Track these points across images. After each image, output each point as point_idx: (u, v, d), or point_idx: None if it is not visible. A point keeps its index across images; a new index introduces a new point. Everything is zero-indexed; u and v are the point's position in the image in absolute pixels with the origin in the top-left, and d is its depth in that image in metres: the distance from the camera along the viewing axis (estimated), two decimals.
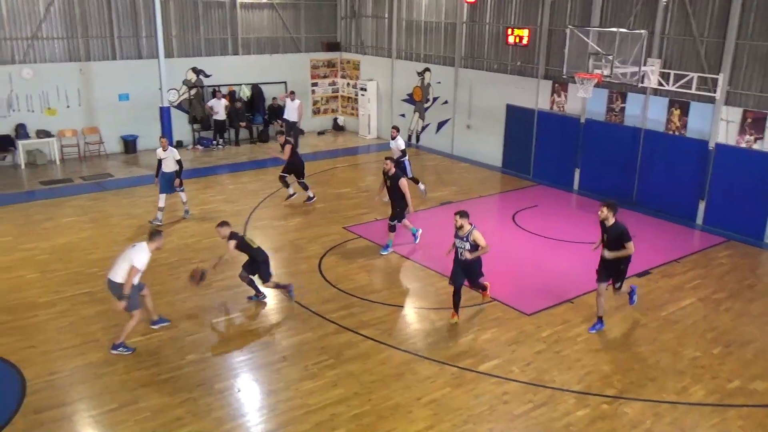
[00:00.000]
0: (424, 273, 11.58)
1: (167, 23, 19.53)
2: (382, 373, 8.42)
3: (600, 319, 9.56)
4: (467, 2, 18.81)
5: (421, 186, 15.82)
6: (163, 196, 13.59)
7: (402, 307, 10.41)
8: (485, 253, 9.43)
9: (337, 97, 23.99)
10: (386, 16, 21.74)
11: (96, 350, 8.85)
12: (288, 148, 14.90)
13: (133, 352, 8.79)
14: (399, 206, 12.20)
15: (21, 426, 7.32)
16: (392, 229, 12.39)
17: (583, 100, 15.83)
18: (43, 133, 18.16)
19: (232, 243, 9.85)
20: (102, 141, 19.15)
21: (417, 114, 21.24)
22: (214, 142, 20.85)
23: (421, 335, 9.47)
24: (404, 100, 21.58)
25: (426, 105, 20.86)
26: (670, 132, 14.65)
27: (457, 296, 9.69)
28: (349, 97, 23.62)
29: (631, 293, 9.94)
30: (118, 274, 8.67)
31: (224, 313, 10.05)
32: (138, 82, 19.05)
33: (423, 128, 21.13)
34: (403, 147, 15.21)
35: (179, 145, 19.90)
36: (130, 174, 17.33)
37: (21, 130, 17.87)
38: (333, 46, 23.49)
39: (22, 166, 17.80)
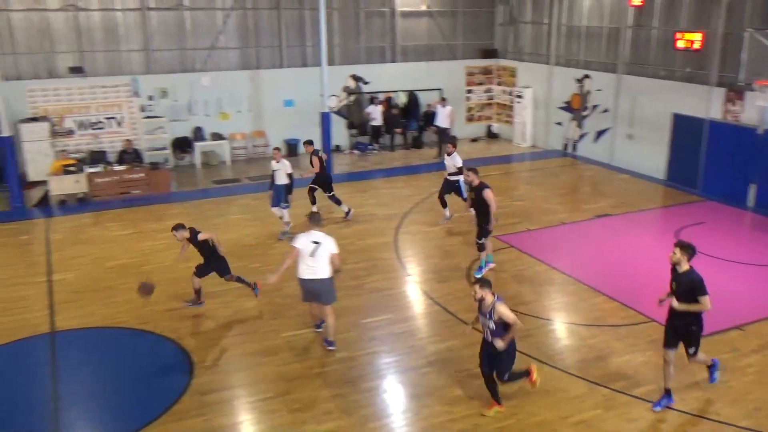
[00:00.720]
0: (576, 287, 11.18)
1: (331, 32, 20.43)
2: (529, 387, 8.23)
3: (667, 393, 7.86)
4: (633, 5, 17.92)
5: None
6: (276, 210, 13.64)
7: (551, 320, 10.14)
8: (517, 331, 7.43)
9: (491, 104, 23.82)
10: (546, 21, 21.27)
11: (255, 341, 9.45)
12: (316, 160, 14.03)
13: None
14: (484, 222, 11.30)
15: (188, 405, 7.98)
16: (481, 248, 11.58)
17: (763, 110, 14.50)
18: (217, 136, 19.71)
19: (204, 235, 10.06)
20: (268, 144, 20.40)
21: (574, 122, 20.56)
22: (370, 147, 21.49)
23: (571, 352, 9.15)
24: (561, 108, 20.97)
25: (584, 113, 20.14)
26: None
27: (490, 384, 7.73)
28: (504, 105, 23.37)
29: (712, 368, 8.07)
30: (322, 271, 8.87)
31: (373, 314, 10.31)
32: (301, 88, 20.07)
33: (581, 137, 20.41)
34: (460, 164, 13.70)
35: (337, 149, 20.73)
36: None
37: (198, 133, 19.55)
38: (489, 53, 23.35)
39: (198, 166, 19.45)
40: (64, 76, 18.05)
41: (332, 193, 14.59)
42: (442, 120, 20.37)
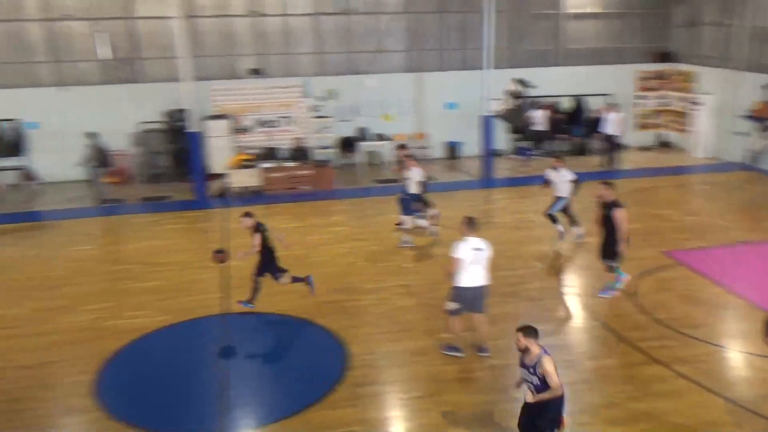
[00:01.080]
0: (756, 314, 10.21)
1: (495, 35, 20.24)
2: (697, 417, 7.65)
3: None
4: None
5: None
6: (407, 219, 13.24)
7: (724, 348, 9.34)
8: (555, 395, 6.41)
9: (665, 111, 22.37)
10: (731, 22, 19.61)
11: (408, 339, 9.60)
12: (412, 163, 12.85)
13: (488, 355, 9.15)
14: (610, 242, 10.43)
15: (343, 395, 8.28)
16: (610, 269, 10.67)
17: None
18: (380, 137, 20.26)
19: (258, 236, 9.91)
20: (428, 146, 20.62)
21: (761, 133, 18.77)
22: (532, 152, 21.02)
23: (747, 384, 8.38)
24: (745, 117, 19.23)
25: None
26: None
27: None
28: (678, 112, 21.87)
29: None
30: (485, 277, 8.80)
31: (528, 323, 10.04)
32: (463, 91, 20.06)
33: None
34: (569, 178, 12.77)
35: (498, 153, 20.50)
36: (451, 178, 18.35)
37: (363, 133, 20.21)
38: (664, 57, 21.97)
39: (361, 165, 20.11)
40: (244, 77, 19.46)
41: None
42: (610, 127, 19.47)
